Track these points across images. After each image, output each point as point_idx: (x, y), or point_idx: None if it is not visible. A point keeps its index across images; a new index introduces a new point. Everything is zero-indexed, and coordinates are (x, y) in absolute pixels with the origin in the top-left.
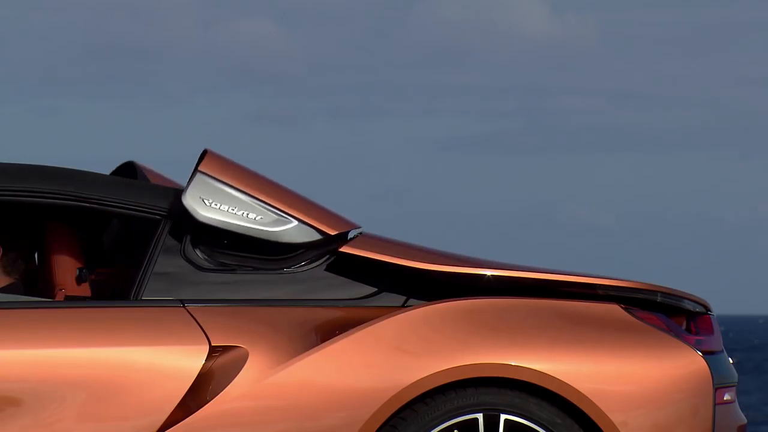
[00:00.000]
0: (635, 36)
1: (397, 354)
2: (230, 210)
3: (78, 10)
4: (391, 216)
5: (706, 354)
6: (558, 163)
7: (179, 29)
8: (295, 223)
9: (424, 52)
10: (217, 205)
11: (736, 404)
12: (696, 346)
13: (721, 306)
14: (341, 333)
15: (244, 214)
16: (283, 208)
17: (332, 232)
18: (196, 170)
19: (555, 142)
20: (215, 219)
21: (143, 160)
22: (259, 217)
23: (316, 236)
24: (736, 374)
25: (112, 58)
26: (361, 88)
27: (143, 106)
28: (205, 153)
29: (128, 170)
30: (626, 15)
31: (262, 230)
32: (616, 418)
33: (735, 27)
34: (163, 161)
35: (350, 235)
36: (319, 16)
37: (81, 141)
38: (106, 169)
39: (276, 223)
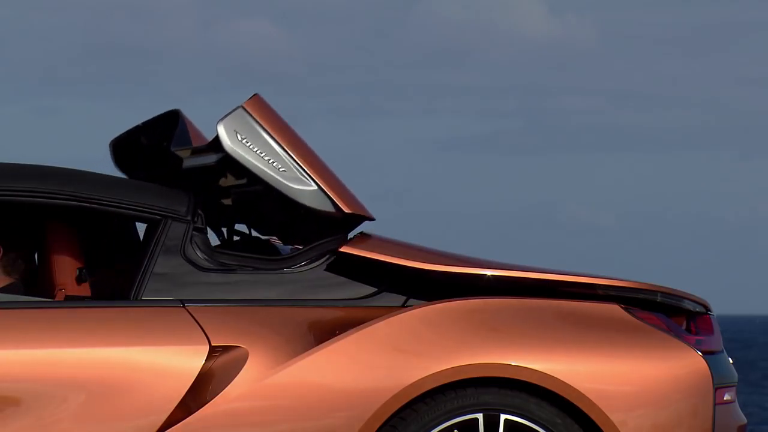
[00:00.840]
0: (635, 36)
1: (396, 354)
2: (258, 152)
3: (78, 10)
4: (391, 216)
5: (706, 354)
6: (558, 163)
7: (179, 29)
8: (315, 187)
9: (424, 52)
10: (247, 143)
11: (736, 404)
12: (696, 346)
13: (720, 306)
14: (341, 333)
15: (270, 161)
16: (308, 170)
17: (346, 210)
18: (240, 105)
19: (555, 142)
20: (241, 155)
21: None
22: (283, 169)
23: (330, 207)
24: (736, 374)
25: (112, 58)
26: (361, 88)
27: (143, 106)
28: (255, 95)
29: (172, 118)
30: (626, 15)
31: (281, 182)
32: (616, 418)
33: (735, 27)
34: None
35: (358, 232)
36: (319, 17)
37: (81, 141)
38: (107, 169)
39: (297, 180)
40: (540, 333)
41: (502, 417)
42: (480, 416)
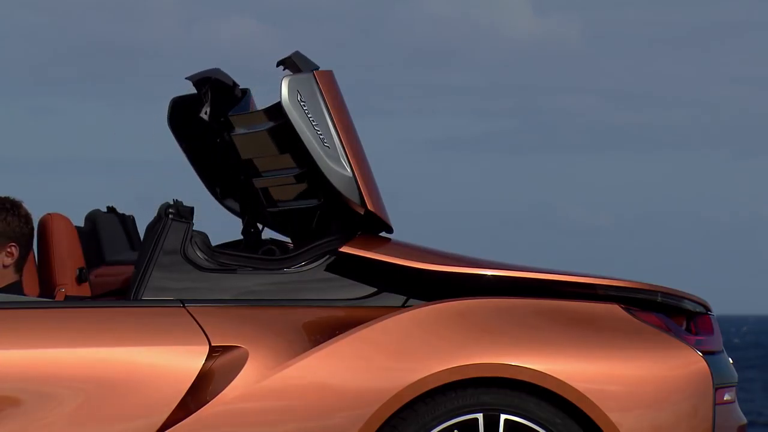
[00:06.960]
0: (631, 35)
1: (396, 354)
2: (311, 119)
3: (73, 9)
4: (389, 216)
5: (706, 354)
6: (556, 163)
7: (170, 28)
8: (350, 174)
9: (419, 51)
10: (304, 107)
11: (736, 404)
12: (696, 346)
13: (720, 306)
14: (341, 333)
15: (319, 133)
16: (351, 157)
17: (369, 206)
18: (311, 71)
19: (552, 142)
20: (294, 115)
21: (140, 159)
22: (327, 144)
23: (356, 198)
24: (736, 374)
25: (108, 57)
26: (355, 88)
27: (140, 106)
28: (329, 70)
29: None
30: (622, 14)
31: (321, 156)
32: (615, 418)
33: (729, 27)
34: (161, 161)
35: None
36: (311, 16)
37: (79, 140)
38: (102, 170)
39: (336, 161)
40: (540, 333)
41: (502, 417)
42: (480, 416)
